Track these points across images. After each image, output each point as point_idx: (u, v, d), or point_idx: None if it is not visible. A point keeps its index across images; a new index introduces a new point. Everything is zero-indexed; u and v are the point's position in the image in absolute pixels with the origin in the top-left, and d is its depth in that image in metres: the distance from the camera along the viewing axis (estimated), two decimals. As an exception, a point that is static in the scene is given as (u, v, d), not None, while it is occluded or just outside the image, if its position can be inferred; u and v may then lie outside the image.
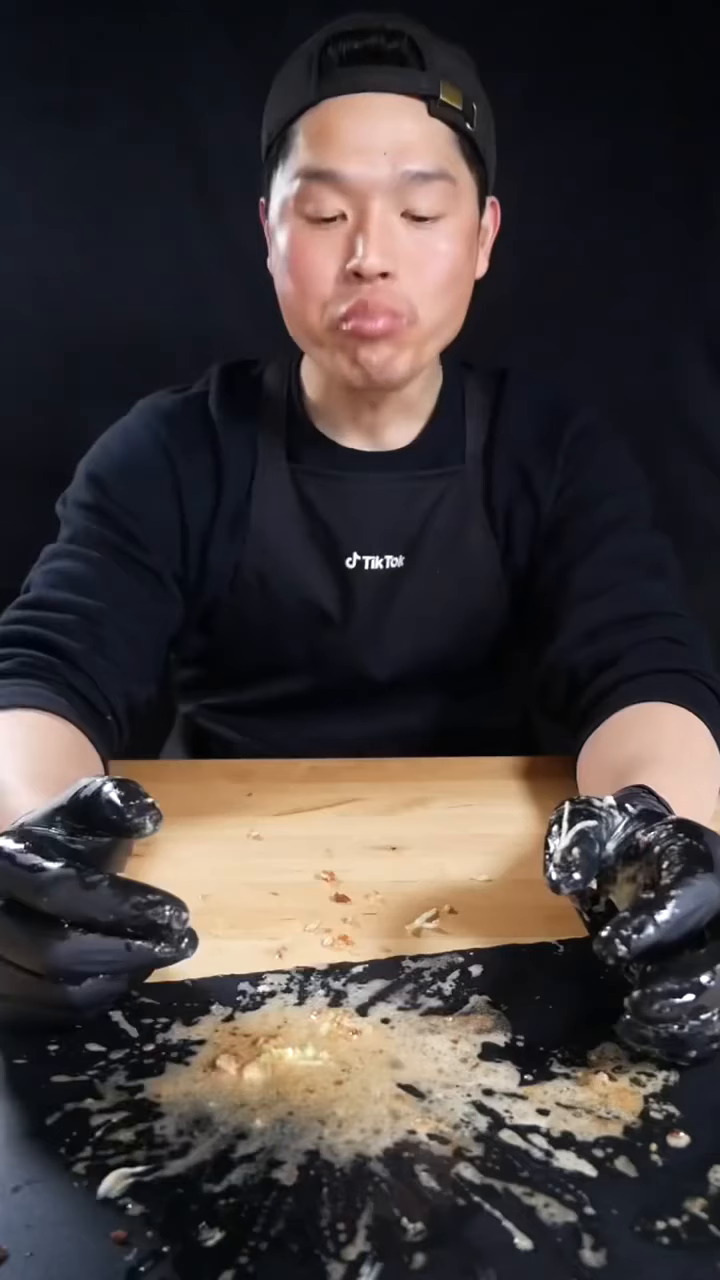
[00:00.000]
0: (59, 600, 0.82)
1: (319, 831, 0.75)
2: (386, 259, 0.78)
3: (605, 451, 0.93)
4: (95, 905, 0.47)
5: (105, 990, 0.49)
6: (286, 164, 0.81)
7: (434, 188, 0.79)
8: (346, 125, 0.77)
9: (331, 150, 0.78)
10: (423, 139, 0.78)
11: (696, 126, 1.29)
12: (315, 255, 0.80)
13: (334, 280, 0.80)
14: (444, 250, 0.81)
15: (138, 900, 0.48)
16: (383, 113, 0.77)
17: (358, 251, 0.78)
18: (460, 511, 0.92)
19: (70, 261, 1.32)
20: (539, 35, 1.25)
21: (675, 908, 0.46)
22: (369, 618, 0.93)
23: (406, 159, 0.77)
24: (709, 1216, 0.40)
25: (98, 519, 0.87)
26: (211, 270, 1.32)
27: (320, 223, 0.79)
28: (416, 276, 0.80)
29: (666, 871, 0.49)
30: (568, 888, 0.51)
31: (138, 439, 0.91)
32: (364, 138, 0.77)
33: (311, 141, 0.79)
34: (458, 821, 0.78)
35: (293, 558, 0.91)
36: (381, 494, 0.91)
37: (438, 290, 0.81)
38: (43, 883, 0.47)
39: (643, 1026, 0.46)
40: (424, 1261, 0.38)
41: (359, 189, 0.78)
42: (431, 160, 0.78)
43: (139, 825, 0.52)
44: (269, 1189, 0.41)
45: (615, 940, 0.46)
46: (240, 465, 0.91)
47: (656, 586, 0.86)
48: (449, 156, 0.80)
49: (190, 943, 0.49)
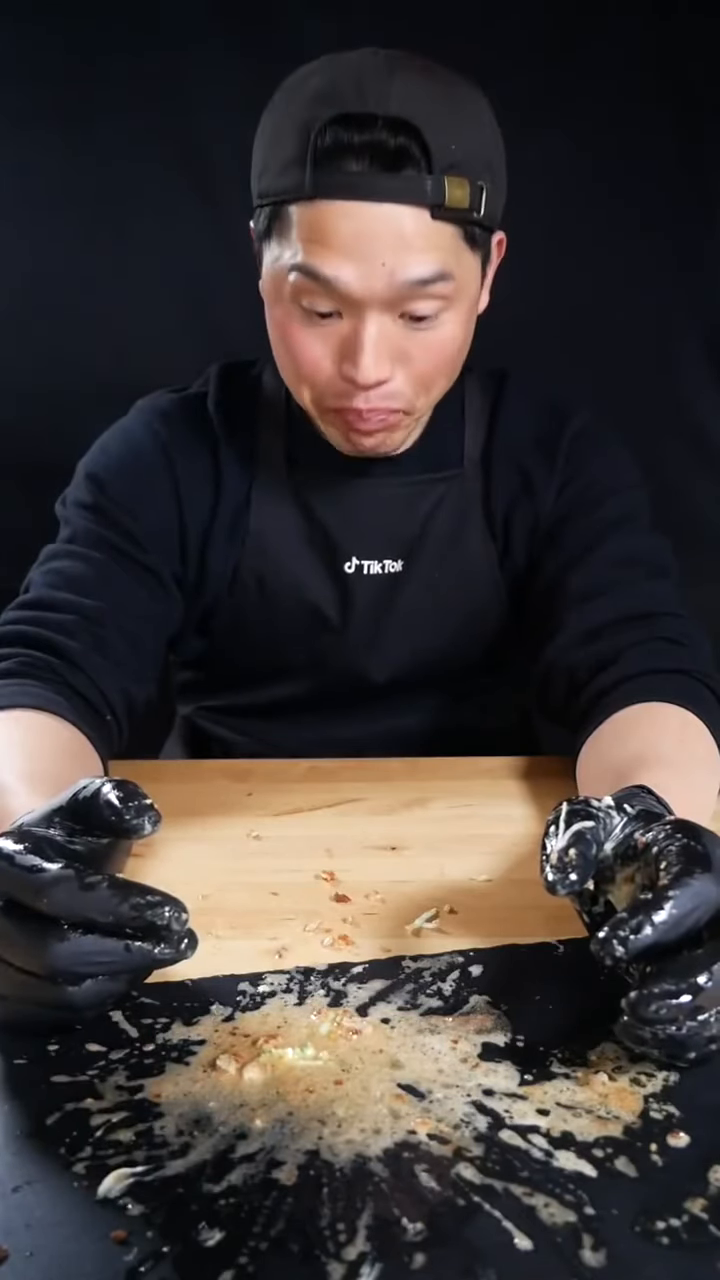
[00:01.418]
0: (58, 600, 0.82)
1: (319, 831, 0.75)
2: (383, 367, 0.77)
3: (605, 451, 0.92)
4: (94, 906, 0.47)
5: (105, 991, 0.49)
6: (280, 238, 0.77)
7: (434, 290, 0.75)
8: (344, 231, 0.72)
9: (328, 256, 0.73)
10: (424, 242, 0.73)
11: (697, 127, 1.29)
12: (310, 351, 0.78)
13: (329, 375, 0.79)
14: (443, 344, 0.79)
15: (137, 901, 0.48)
16: (382, 221, 0.72)
17: (354, 360, 0.76)
18: (459, 515, 0.92)
19: (70, 263, 1.32)
20: (539, 35, 1.25)
21: (673, 908, 0.46)
22: (368, 621, 0.93)
23: (406, 267, 0.73)
24: (709, 1216, 0.40)
25: (97, 519, 0.87)
26: (211, 271, 1.32)
27: (313, 319, 0.77)
28: (414, 373, 0.79)
29: (664, 872, 0.49)
30: (564, 889, 0.51)
31: (137, 439, 0.91)
32: (363, 247, 0.73)
33: (306, 237, 0.74)
34: (458, 821, 0.78)
35: (291, 561, 0.91)
36: (380, 498, 0.91)
37: (436, 379, 0.81)
38: (42, 883, 0.47)
39: (640, 1028, 0.45)
40: (424, 1261, 0.38)
41: (355, 298, 0.75)
42: (432, 264, 0.74)
43: (138, 826, 0.52)
44: (269, 1189, 0.41)
45: (612, 941, 0.46)
46: (239, 467, 0.91)
47: (657, 587, 0.86)
48: (453, 251, 0.76)
49: (190, 944, 0.49)
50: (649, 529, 0.91)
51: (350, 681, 0.95)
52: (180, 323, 1.33)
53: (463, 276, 0.78)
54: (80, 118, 1.28)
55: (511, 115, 0.89)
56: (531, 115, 1.19)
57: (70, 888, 0.47)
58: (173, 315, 1.33)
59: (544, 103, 1.24)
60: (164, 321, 1.33)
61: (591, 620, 0.84)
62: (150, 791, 0.54)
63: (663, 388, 1.36)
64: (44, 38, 1.26)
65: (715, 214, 1.31)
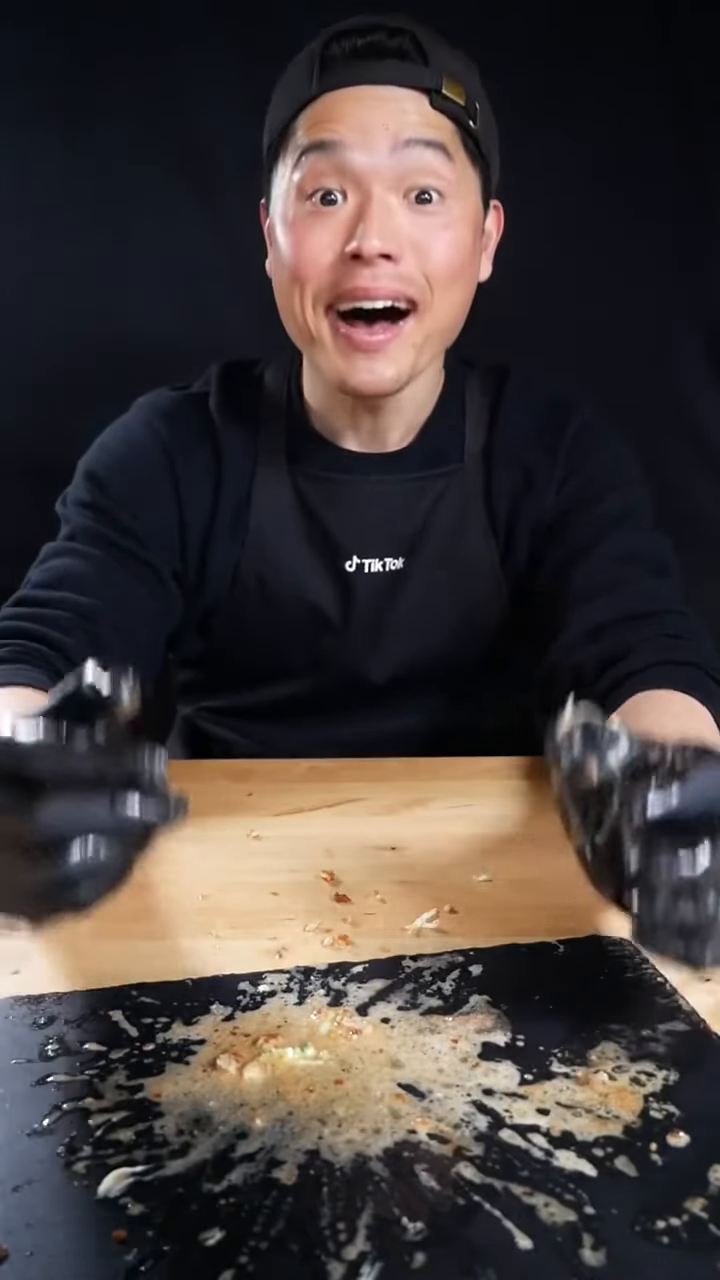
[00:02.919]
0: (54, 598, 0.82)
1: (319, 831, 0.75)
2: (389, 241, 0.77)
3: (606, 447, 0.93)
4: (76, 760, 0.45)
5: (100, 866, 0.45)
6: (286, 156, 0.80)
7: (436, 159, 0.77)
8: (348, 109, 0.77)
9: (334, 128, 0.77)
10: (423, 120, 0.77)
11: (697, 127, 1.29)
12: (313, 238, 0.78)
13: (332, 264, 0.78)
14: (448, 235, 0.79)
15: (117, 755, 0.45)
16: (383, 100, 0.77)
17: (362, 232, 0.76)
18: (460, 511, 0.92)
19: (70, 263, 1.32)
20: (539, 34, 1.25)
21: (696, 778, 0.45)
22: (368, 620, 0.93)
23: (406, 129, 0.76)
24: (709, 1216, 0.40)
25: (96, 517, 0.87)
26: (211, 271, 1.32)
27: (319, 207, 0.78)
28: (421, 260, 0.78)
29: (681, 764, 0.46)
30: (567, 761, 0.48)
31: (137, 437, 0.91)
32: (364, 117, 0.76)
33: (311, 126, 0.78)
34: (458, 821, 0.77)
35: (291, 560, 0.91)
36: (381, 496, 0.91)
37: (443, 275, 0.79)
38: (25, 748, 0.45)
39: (652, 915, 0.43)
40: (424, 1261, 0.38)
41: (358, 169, 0.77)
42: (432, 133, 0.77)
43: (116, 690, 0.49)
44: (269, 1188, 0.41)
45: (637, 798, 0.44)
46: (240, 465, 0.91)
47: (659, 585, 0.86)
48: (451, 143, 0.79)
49: (179, 806, 0.46)
50: (651, 526, 0.91)
51: (351, 681, 0.95)
52: (180, 323, 1.33)
53: (464, 176, 0.80)
54: (80, 118, 1.29)
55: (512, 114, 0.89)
56: (532, 114, 1.19)
57: (52, 746, 0.45)
58: (173, 315, 1.33)
59: (544, 102, 1.24)
60: (164, 321, 1.33)
61: (594, 619, 0.84)
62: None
63: (663, 388, 1.36)
64: (44, 39, 1.26)
65: (715, 213, 1.31)
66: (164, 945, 0.60)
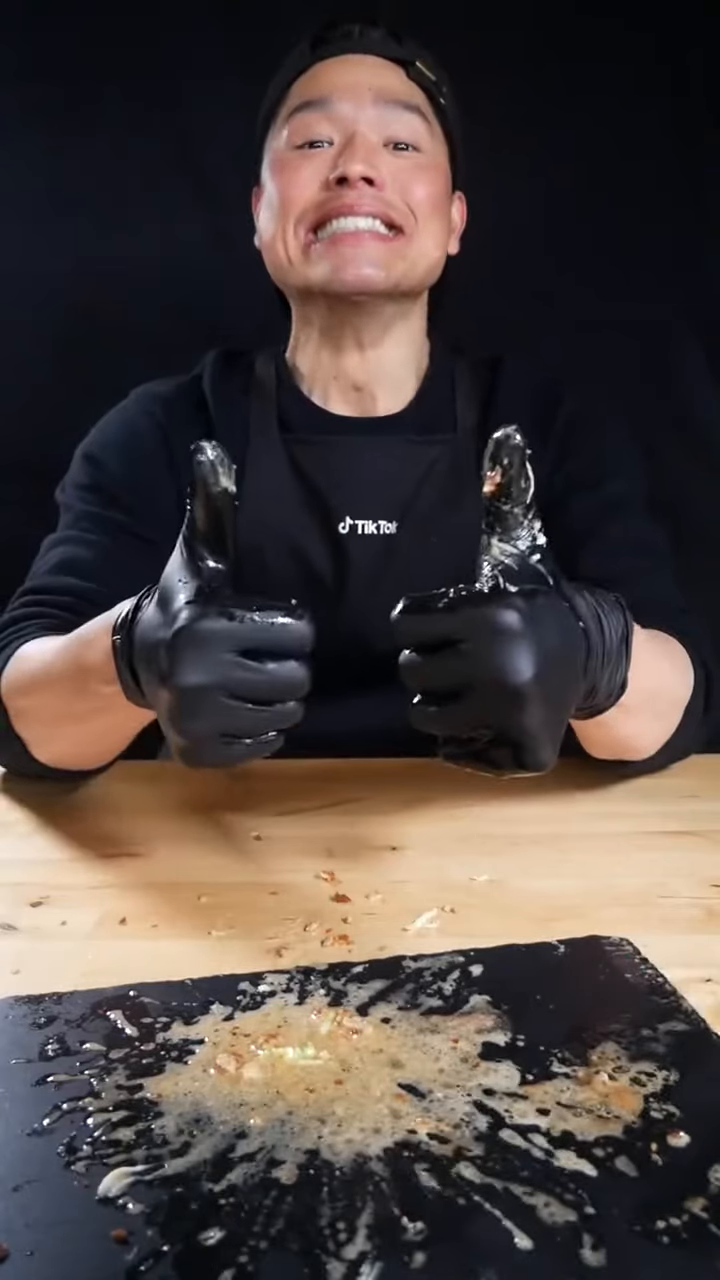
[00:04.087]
0: (58, 585, 0.84)
1: (319, 831, 0.75)
2: (373, 165, 0.84)
3: (601, 435, 0.93)
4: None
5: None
6: (278, 122, 0.88)
7: (414, 119, 0.88)
8: (336, 72, 0.88)
9: (322, 86, 0.87)
10: (402, 86, 0.89)
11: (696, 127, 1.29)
12: (300, 173, 0.86)
13: (316, 190, 0.86)
14: (426, 175, 0.88)
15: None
16: (369, 65, 0.88)
17: (341, 161, 0.84)
18: (454, 481, 0.93)
19: (69, 261, 1.32)
20: (538, 32, 1.25)
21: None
22: (365, 584, 0.93)
23: (388, 95, 0.88)
24: (709, 1216, 0.40)
25: (96, 499, 0.88)
26: (210, 270, 1.32)
27: (307, 151, 0.86)
28: (402, 191, 0.87)
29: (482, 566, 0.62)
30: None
31: (132, 419, 0.93)
32: (352, 79, 0.87)
33: (304, 89, 0.88)
34: (458, 821, 0.78)
35: (287, 525, 0.92)
36: (373, 459, 0.92)
37: (425, 207, 0.87)
38: (284, 630, 0.58)
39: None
40: (424, 1261, 0.38)
41: (345, 116, 0.86)
42: (410, 94, 0.89)
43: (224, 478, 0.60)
44: (269, 1188, 0.41)
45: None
46: (233, 436, 0.92)
47: (657, 581, 0.86)
48: (425, 109, 0.90)
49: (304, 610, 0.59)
50: (646, 516, 0.91)
51: (352, 655, 0.95)
52: (180, 323, 1.33)
53: (436, 147, 0.91)
54: (80, 118, 1.28)
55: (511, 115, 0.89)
56: (531, 115, 1.19)
57: (307, 626, 0.58)
58: (173, 315, 1.33)
59: (544, 103, 1.24)
60: (164, 321, 1.32)
61: None
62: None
63: (662, 387, 1.36)
64: (44, 38, 1.26)
65: (715, 213, 1.31)
66: (163, 945, 0.60)
